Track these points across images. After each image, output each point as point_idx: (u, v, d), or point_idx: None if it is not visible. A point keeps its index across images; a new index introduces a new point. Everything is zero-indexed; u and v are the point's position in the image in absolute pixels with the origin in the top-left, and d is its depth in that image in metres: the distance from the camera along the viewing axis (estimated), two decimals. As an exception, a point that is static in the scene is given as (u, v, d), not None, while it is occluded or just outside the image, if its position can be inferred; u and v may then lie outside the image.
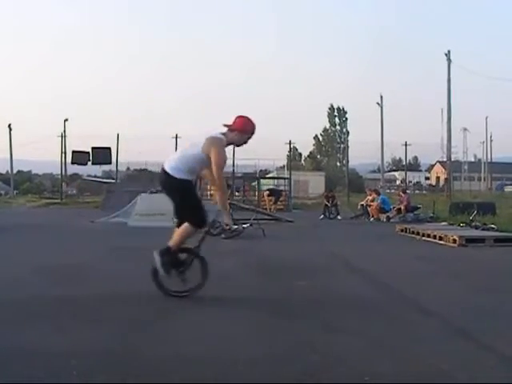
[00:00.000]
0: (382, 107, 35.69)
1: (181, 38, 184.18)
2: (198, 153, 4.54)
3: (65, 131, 30.42)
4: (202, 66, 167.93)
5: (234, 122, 4.67)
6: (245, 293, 5.13)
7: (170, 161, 4.63)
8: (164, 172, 4.60)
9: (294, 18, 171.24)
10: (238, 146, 4.84)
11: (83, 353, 3.18)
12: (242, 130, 4.67)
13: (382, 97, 35.98)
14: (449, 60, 29.82)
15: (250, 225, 11.66)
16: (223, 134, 4.65)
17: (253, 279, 6.01)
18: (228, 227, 8.65)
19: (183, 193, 4.59)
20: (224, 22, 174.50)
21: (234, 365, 3.04)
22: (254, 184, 30.54)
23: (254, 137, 4.76)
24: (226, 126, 4.68)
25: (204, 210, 4.66)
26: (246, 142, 4.75)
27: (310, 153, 69.51)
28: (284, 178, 29.66)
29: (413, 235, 11.27)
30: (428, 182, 65.67)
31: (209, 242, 5.55)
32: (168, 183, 4.62)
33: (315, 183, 39.09)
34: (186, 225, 4.58)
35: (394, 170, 68.55)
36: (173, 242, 4.62)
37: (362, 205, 17.94)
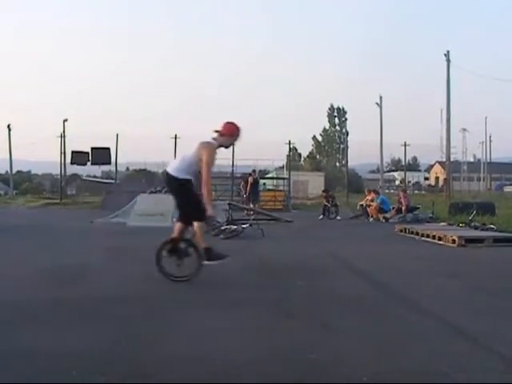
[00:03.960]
0: (381, 108, 35.65)
1: (180, 38, 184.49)
2: (193, 156, 5.37)
3: (64, 131, 30.32)
4: (201, 66, 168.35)
5: (222, 128, 5.51)
6: (244, 293, 5.13)
7: (172, 164, 5.55)
8: (167, 174, 5.49)
9: (294, 17, 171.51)
10: (226, 147, 5.73)
11: (83, 353, 3.18)
12: (230, 134, 5.56)
13: (381, 97, 35.94)
14: (448, 60, 29.80)
15: (250, 225, 11.66)
16: (214, 138, 5.47)
17: (252, 279, 6.02)
18: (213, 222, 9.50)
19: (184, 190, 5.40)
20: (222, 22, 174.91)
21: (234, 365, 3.04)
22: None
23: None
24: (216, 131, 5.50)
25: (203, 204, 5.35)
26: (233, 144, 5.76)
27: (310, 153, 69.55)
28: (283, 178, 29.68)
29: (412, 235, 11.27)
30: (427, 182, 65.80)
31: (208, 243, 5.57)
32: (172, 183, 5.48)
33: (315, 183, 39.10)
34: (196, 223, 5.40)
35: (394, 171, 68.64)
36: (197, 238, 5.46)
37: (362, 205, 17.93)
